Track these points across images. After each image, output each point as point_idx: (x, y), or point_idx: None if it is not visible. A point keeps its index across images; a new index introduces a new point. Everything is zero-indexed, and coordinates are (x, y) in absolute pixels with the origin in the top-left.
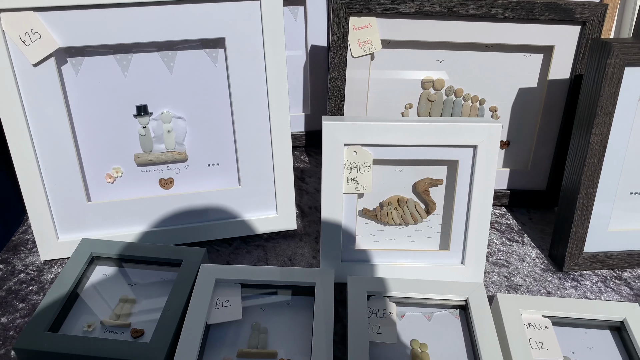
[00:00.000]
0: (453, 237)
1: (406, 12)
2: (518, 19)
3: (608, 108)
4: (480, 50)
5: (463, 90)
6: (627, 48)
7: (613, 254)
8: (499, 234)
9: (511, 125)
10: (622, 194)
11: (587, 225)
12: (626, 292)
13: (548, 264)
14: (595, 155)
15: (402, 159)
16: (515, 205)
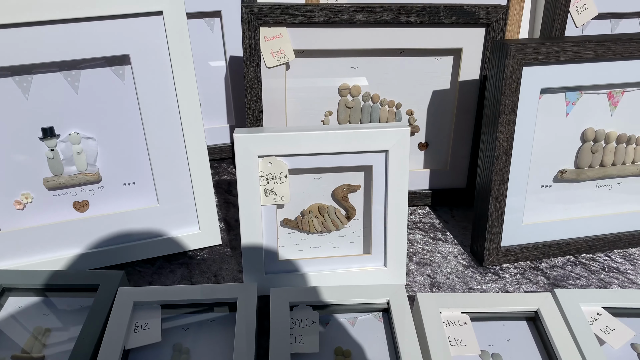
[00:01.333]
0: (374, 241)
1: (316, 21)
2: (425, 23)
3: (511, 107)
4: (393, 55)
5: (379, 96)
6: (522, 48)
7: (529, 246)
8: (423, 233)
9: (428, 127)
10: (533, 188)
11: (502, 221)
12: (543, 282)
13: (470, 260)
14: (503, 152)
15: (318, 167)
16: (438, 205)
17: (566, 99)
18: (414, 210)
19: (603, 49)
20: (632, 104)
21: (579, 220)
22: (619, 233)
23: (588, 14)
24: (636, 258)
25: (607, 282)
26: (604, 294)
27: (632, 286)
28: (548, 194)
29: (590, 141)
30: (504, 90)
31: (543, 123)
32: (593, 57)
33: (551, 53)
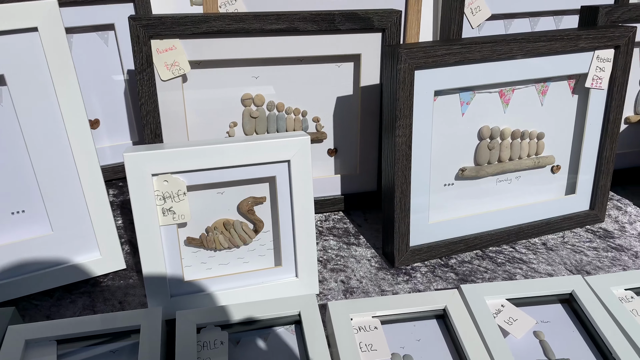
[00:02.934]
0: (284, 252)
1: (209, 31)
2: (321, 30)
3: (406, 110)
4: (293, 63)
5: (284, 104)
6: (413, 53)
7: (437, 244)
8: (337, 239)
9: (336, 133)
10: (437, 187)
11: (408, 221)
12: (452, 278)
13: (382, 262)
14: (402, 155)
15: (220, 181)
16: (352, 209)
17: (460, 99)
18: (328, 216)
19: (489, 50)
20: (523, 100)
21: (483, 215)
22: (521, 224)
23: (482, 15)
24: (538, 247)
25: (512, 273)
26: (506, 286)
27: (535, 275)
28: (451, 192)
29: (486, 138)
30: (399, 95)
31: (440, 124)
32: (481, 58)
33: (441, 56)
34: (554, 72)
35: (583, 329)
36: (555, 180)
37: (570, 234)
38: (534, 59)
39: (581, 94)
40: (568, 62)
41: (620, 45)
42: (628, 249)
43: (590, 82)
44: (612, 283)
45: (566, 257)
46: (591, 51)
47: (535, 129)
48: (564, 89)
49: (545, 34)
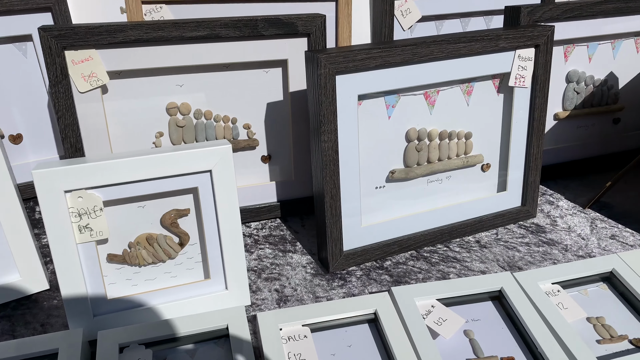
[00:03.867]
0: (212, 265)
1: (127, 41)
2: (245, 36)
3: (330, 115)
4: (219, 70)
5: (212, 112)
6: (332, 58)
7: (371, 247)
8: (272, 247)
9: (269, 140)
10: (367, 190)
11: (340, 226)
12: (387, 281)
13: (318, 267)
14: (330, 160)
15: (139, 195)
16: (289, 215)
17: (386, 102)
18: (264, 224)
19: (410, 53)
20: (449, 101)
21: (416, 216)
22: (454, 223)
23: (413, 17)
24: (472, 246)
25: (446, 272)
26: (437, 287)
27: (469, 273)
28: (383, 194)
29: (414, 140)
30: (322, 100)
31: (367, 128)
32: (402, 61)
33: (361, 60)
34: (477, 72)
35: (512, 325)
36: (486, 178)
37: (504, 230)
38: (457, 60)
39: (506, 92)
40: (490, 62)
41: (540, 44)
42: (558, 243)
43: (514, 81)
44: (540, 278)
45: (499, 254)
46: (512, 50)
47: (462, 129)
48: (488, 88)
49: (465, 35)
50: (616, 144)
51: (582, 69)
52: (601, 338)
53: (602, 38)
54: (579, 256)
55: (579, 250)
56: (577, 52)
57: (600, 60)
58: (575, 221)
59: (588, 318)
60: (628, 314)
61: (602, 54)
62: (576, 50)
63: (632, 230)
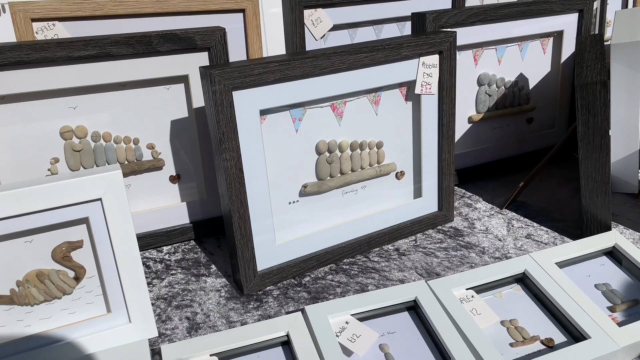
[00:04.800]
0: (112, 297)
1: (6, 63)
2: (139, 54)
3: (230, 133)
4: (116, 89)
5: (111, 134)
6: (227, 73)
7: (287, 264)
8: (185, 271)
9: (176, 159)
10: (280, 206)
11: (251, 246)
12: (305, 298)
13: (233, 290)
14: (234, 179)
15: (23, 229)
16: (204, 236)
17: (291, 116)
18: (177, 247)
19: (310, 65)
20: (357, 112)
21: (332, 229)
22: (372, 233)
23: (324, 27)
24: (391, 254)
25: (364, 284)
26: (351, 302)
27: (387, 283)
28: (297, 209)
29: (325, 153)
30: (219, 117)
31: (273, 142)
32: (303, 74)
33: (258, 75)
34: (382, 81)
35: (427, 335)
36: (402, 185)
37: (423, 236)
38: (361, 70)
39: (414, 100)
40: (395, 70)
41: (443, 50)
42: (476, 246)
43: (420, 89)
44: (454, 284)
45: (417, 261)
46: (416, 58)
47: (373, 139)
48: (396, 97)
49: (367, 45)
50: (531, 143)
51: (492, 72)
52: (514, 341)
53: (509, 41)
54: (495, 258)
55: (496, 252)
56: (486, 56)
57: (509, 62)
58: (493, 223)
59: (502, 321)
60: (540, 314)
61: (510, 56)
62: (485, 53)
63: (546, 228)
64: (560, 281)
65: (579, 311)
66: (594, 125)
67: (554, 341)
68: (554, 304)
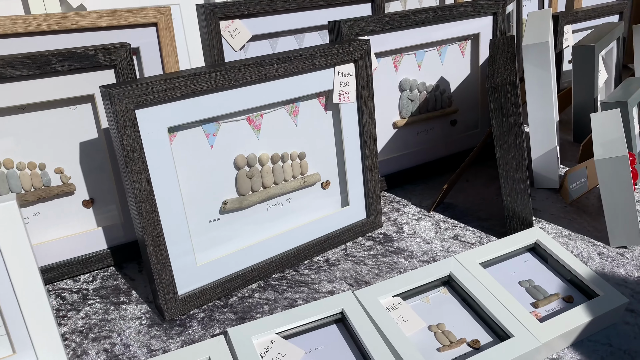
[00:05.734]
0: (15, 337)
1: None
2: (37, 74)
3: (135, 154)
4: (15, 113)
5: (13, 160)
6: (128, 92)
7: (211, 286)
8: (103, 300)
9: (88, 182)
10: (199, 226)
11: (169, 270)
12: (231, 319)
13: (155, 317)
14: (144, 201)
15: None
16: (125, 261)
17: (205, 131)
18: (95, 275)
19: (219, 79)
20: (275, 124)
21: (258, 245)
22: (300, 246)
23: (243, 38)
24: (321, 266)
25: (293, 299)
26: (277, 319)
27: (317, 296)
28: (219, 227)
29: (244, 167)
30: (123, 138)
31: (186, 160)
32: (212, 89)
33: (162, 92)
34: (299, 92)
35: (355, 347)
36: (328, 195)
37: (352, 244)
38: (275, 82)
39: (333, 109)
40: (311, 80)
41: (357, 58)
42: (404, 250)
43: (338, 98)
44: (381, 292)
45: (347, 270)
46: (331, 67)
47: (295, 150)
48: (315, 106)
49: (278, 56)
50: (457, 145)
51: (413, 77)
52: (441, 345)
53: (427, 45)
54: (423, 262)
55: (424, 255)
56: (406, 61)
57: (429, 67)
58: (421, 226)
59: (429, 326)
60: (467, 315)
61: (430, 60)
62: (405, 59)
63: (472, 228)
64: (484, 281)
65: (503, 310)
66: (507, 126)
67: (479, 342)
68: (479, 305)
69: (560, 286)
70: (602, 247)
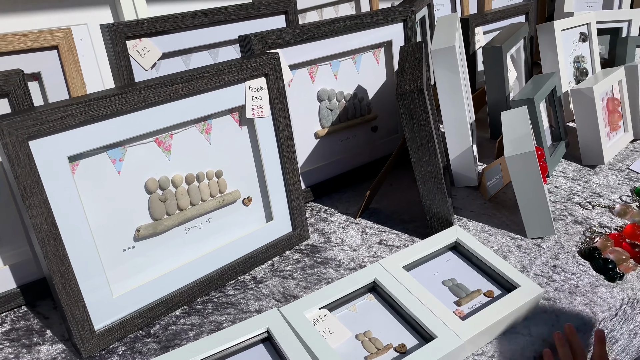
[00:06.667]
0: None
1: None
2: None
3: (33, 187)
4: None
5: None
6: (18, 123)
7: (131, 317)
8: (14, 344)
9: None
10: (112, 256)
11: (83, 305)
12: (154, 349)
13: (72, 355)
14: (48, 236)
15: None
16: (37, 299)
17: (110, 157)
18: (4, 318)
19: (119, 103)
20: (187, 143)
21: (179, 269)
22: (224, 266)
23: (153, 56)
24: (248, 284)
25: (219, 322)
26: (202, 345)
27: (244, 317)
28: (134, 256)
29: (156, 191)
30: (17, 172)
31: (92, 189)
32: (113, 113)
33: (58, 120)
34: (209, 109)
35: None
36: (251, 211)
37: (280, 259)
38: (182, 101)
39: (248, 124)
40: (221, 97)
41: (268, 72)
42: (332, 260)
43: (251, 113)
44: (306, 306)
45: (275, 286)
46: (241, 83)
47: (211, 169)
48: (229, 123)
49: (182, 75)
50: (380, 150)
51: (330, 87)
52: (369, 353)
53: (342, 55)
54: (350, 269)
55: (351, 262)
56: (322, 72)
57: (345, 75)
58: (348, 233)
59: (356, 335)
60: (393, 320)
61: (345, 69)
62: (320, 69)
63: (397, 231)
64: (408, 284)
65: (426, 312)
66: (419, 131)
67: (406, 346)
68: (403, 309)
69: (481, 282)
70: (520, 240)
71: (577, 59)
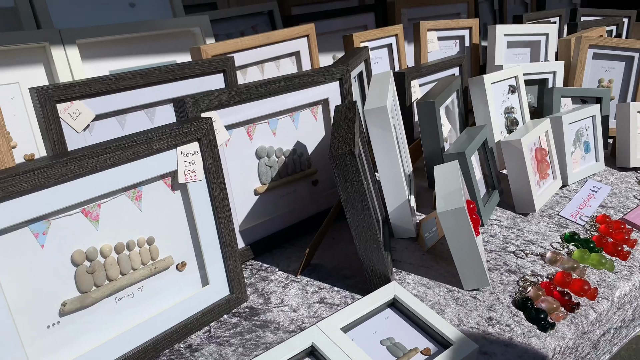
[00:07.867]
0: None
1: None
2: None
3: None
4: None
5: None
6: None
7: None
8: None
9: None
10: (34, 334)
11: None
12: None
13: None
14: None
15: None
16: None
17: (32, 231)
18: None
19: (42, 177)
20: (116, 212)
21: (108, 343)
22: (157, 336)
23: (85, 119)
24: (182, 352)
25: None
26: None
27: None
28: (59, 332)
29: (83, 263)
30: None
31: (11, 266)
32: (33, 187)
33: None
34: (139, 177)
35: None
36: (186, 277)
37: (217, 324)
38: (110, 171)
39: (181, 189)
40: (152, 164)
41: (201, 137)
42: (271, 322)
43: (184, 178)
44: None
45: (211, 354)
46: (173, 149)
47: (142, 236)
48: (161, 188)
49: (109, 144)
50: (321, 203)
51: (269, 144)
52: None
53: (280, 113)
54: (290, 332)
55: (291, 324)
56: (260, 130)
57: (283, 132)
58: (288, 293)
59: None
60: None
61: (284, 126)
62: (258, 128)
63: (338, 288)
64: (345, 348)
65: None
66: (352, 191)
67: None
68: None
69: (419, 339)
70: (457, 292)
71: (508, 109)
